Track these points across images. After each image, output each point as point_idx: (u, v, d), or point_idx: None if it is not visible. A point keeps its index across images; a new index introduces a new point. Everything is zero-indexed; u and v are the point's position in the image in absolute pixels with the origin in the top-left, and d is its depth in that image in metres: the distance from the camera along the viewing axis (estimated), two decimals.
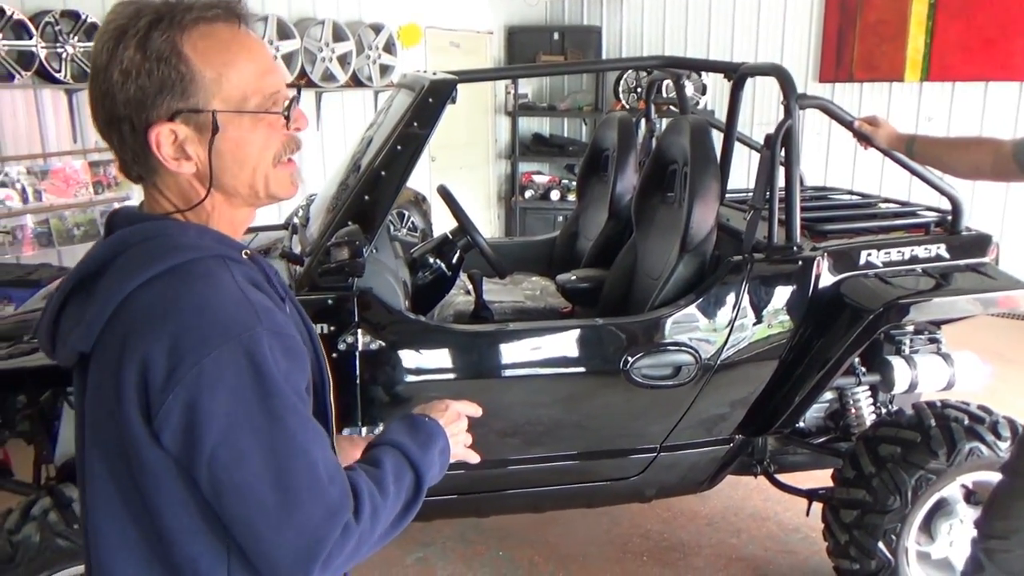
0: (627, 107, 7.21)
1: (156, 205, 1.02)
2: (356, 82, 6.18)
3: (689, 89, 7.29)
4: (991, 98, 6.43)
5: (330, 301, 2.13)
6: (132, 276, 0.93)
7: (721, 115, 5.74)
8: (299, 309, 1.11)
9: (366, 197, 2.16)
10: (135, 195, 5.16)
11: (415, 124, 2.18)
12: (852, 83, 6.98)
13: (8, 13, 4.31)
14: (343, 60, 6.00)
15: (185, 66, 0.93)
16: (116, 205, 5.14)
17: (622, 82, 7.49)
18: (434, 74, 2.29)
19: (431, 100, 2.19)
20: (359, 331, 2.14)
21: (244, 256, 1.02)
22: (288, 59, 5.58)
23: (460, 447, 1.21)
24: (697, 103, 7.21)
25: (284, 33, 5.56)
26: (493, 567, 2.97)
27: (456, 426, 1.20)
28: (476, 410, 1.26)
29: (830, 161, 6.88)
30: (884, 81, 6.84)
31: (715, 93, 7.27)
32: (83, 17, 4.66)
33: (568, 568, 2.95)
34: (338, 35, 5.93)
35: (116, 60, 0.93)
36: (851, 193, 3.32)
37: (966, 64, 6.47)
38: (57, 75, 4.63)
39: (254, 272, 1.02)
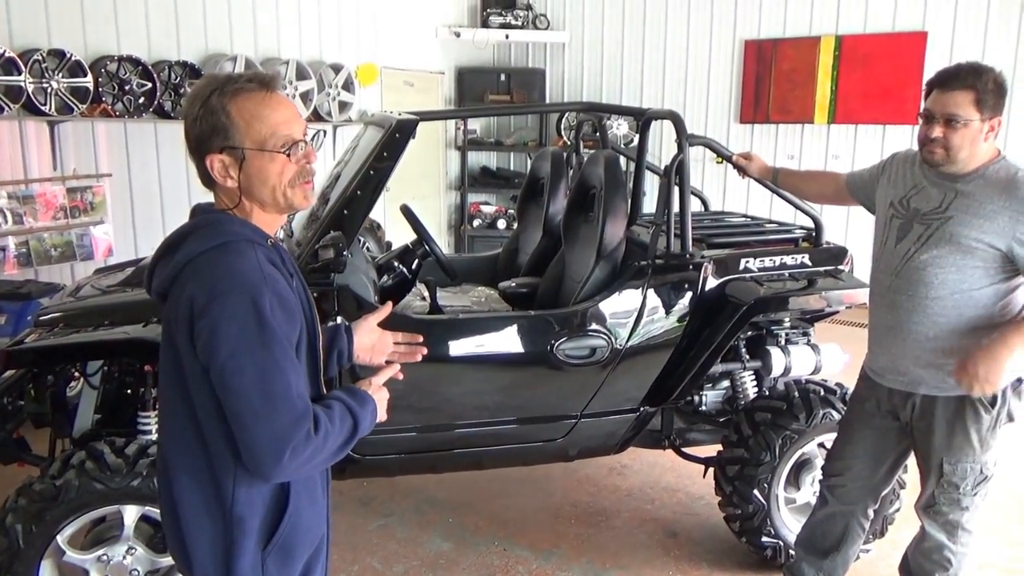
0: (567, 143, 7.89)
1: (220, 203, 1.56)
2: (317, 117, 6.71)
3: (624, 128, 8.02)
4: (888, 139, 7.24)
5: (315, 295, 2.64)
6: (196, 247, 1.47)
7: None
8: (304, 284, 1.65)
9: (345, 211, 2.71)
10: (109, 219, 5.61)
11: (384, 154, 2.74)
12: (769, 124, 7.77)
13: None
14: (305, 97, 6.53)
15: (227, 118, 1.46)
16: (91, 228, 5.59)
17: (564, 120, 8.18)
18: (399, 114, 2.86)
19: (398, 135, 2.76)
20: (338, 318, 2.67)
21: (268, 243, 1.55)
22: None
23: (383, 408, 1.67)
24: (631, 141, 7.91)
25: None
26: (444, 530, 3.48)
27: (380, 394, 1.67)
28: (397, 373, 1.75)
29: (727, 189, 7.64)
30: (796, 123, 7.64)
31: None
32: (68, 55, 5.10)
33: (508, 529, 3.48)
34: (301, 74, 6.46)
35: (192, 112, 1.47)
36: (744, 216, 3.98)
37: (866, 109, 7.30)
38: (42, 108, 5.05)
39: (272, 254, 1.55)
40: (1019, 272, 2.26)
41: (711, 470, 3.28)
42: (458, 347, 2.85)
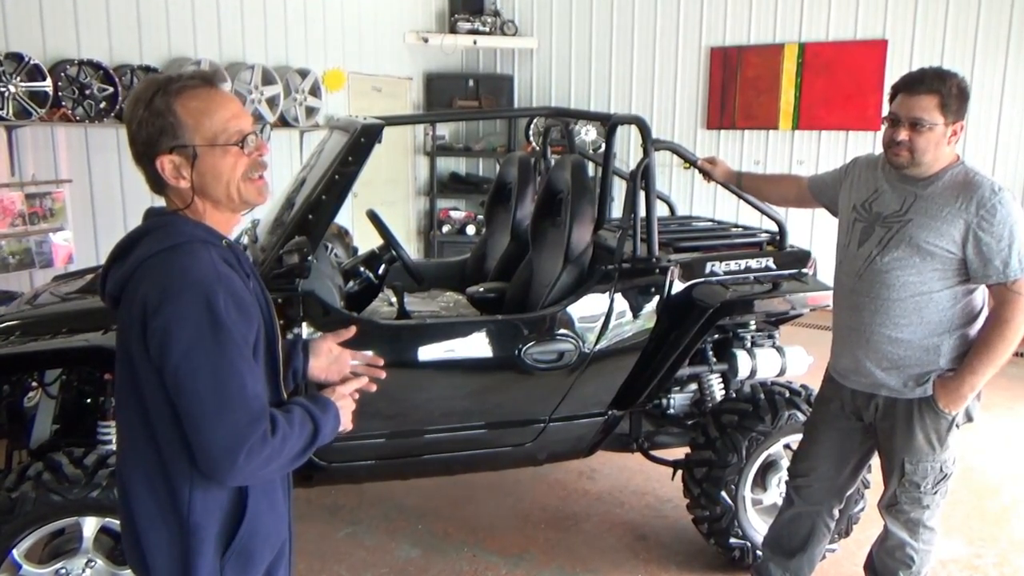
0: (536, 148, 7.91)
1: (171, 204, 1.53)
2: (283, 122, 6.65)
3: (592, 134, 8.06)
4: (851, 145, 7.36)
5: (279, 300, 2.61)
6: (149, 249, 1.44)
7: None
8: (261, 285, 1.62)
9: (310, 216, 2.68)
10: (69, 225, 5.50)
11: (350, 159, 2.72)
12: (735, 130, 7.85)
13: None
14: (271, 102, 6.46)
15: (174, 118, 1.44)
16: (51, 235, 5.47)
17: (532, 126, 8.20)
18: (365, 118, 2.84)
19: (363, 140, 2.74)
20: (303, 324, 2.64)
21: (223, 244, 1.52)
22: None
23: (347, 417, 1.65)
24: (600, 147, 7.95)
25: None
26: (413, 537, 3.45)
27: (344, 402, 1.65)
28: (367, 384, 1.73)
29: (695, 194, 7.69)
30: (761, 129, 7.74)
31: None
32: (26, 59, 4.99)
33: (477, 535, 3.47)
34: (267, 79, 6.40)
35: (135, 116, 1.45)
36: (711, 220, 4.01)
37: (830, 115, 7.42)
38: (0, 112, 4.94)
39: (228, 254, 1.52)
40: None
41: (679, 472, 3.29)
42: (426, 352, 2.83)
